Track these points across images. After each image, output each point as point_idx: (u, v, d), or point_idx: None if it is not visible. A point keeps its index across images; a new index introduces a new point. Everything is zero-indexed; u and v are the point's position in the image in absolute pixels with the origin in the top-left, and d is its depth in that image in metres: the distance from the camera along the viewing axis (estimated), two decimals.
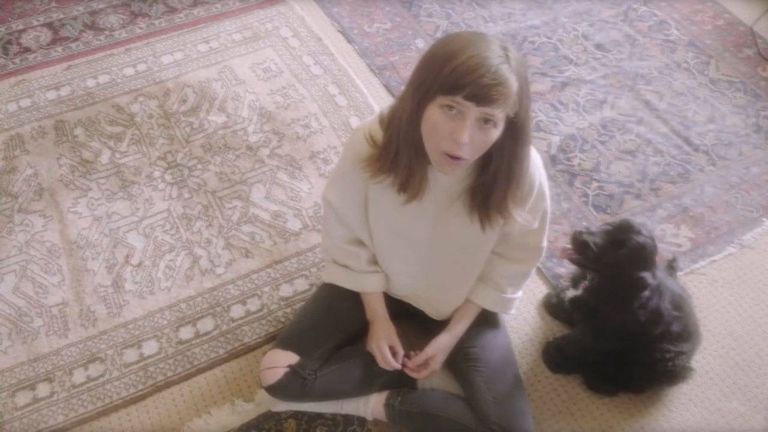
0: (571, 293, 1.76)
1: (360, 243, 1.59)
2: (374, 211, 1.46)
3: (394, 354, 1.61)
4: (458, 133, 1.13)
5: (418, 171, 1.28)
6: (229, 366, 1.82)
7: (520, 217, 1.33)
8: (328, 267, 1.67)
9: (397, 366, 1.60)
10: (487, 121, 1.14)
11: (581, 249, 1.54)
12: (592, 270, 1.59)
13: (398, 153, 1.27)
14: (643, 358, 1.64)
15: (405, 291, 1.67)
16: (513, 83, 1.11)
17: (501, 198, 1.29)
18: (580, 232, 1.55)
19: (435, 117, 1.16)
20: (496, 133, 1.16)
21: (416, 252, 1.51)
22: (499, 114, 1.13)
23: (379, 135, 1.32)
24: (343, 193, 1.47)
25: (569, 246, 1.58)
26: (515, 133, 1.19)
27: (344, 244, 1.59)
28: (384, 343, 1.60)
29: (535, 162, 1.36)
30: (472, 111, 1.12)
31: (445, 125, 1.15)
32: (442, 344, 1.61)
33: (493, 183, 1.28)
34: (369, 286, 1.63)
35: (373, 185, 1.38)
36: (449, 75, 1.10)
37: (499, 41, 1.13)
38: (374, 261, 1.63)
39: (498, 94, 1.10)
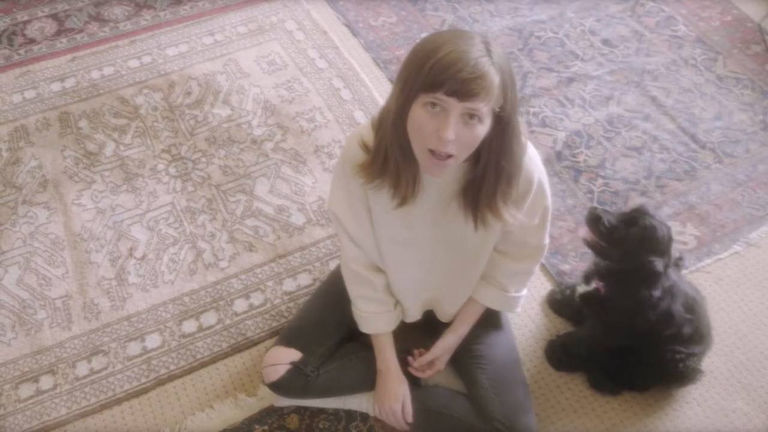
0: (582, 288, 1.76)
1: (375, 269, 1.54)
2: (376, 221, 1.44)
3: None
4: (442, 131, 1.12)
5: (405, 173, 1.26)
6: (232, 360, 1.82)
7: (512, 216, 1.30)
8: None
9: (406, 428, 1.60)
10: (471, 116, 1.12)
11: (593, 222, 1.55)
12: (603, 250, 1.58)
13: (387, 155, 1.25)
14: (651, 358, 1.64)
15: (415, 310, 1.65)
16: (493, 76, 1.09)
17: (490, 195, 1.27)
18: (595, 207, 1.57)
19: (419, 116, 1.14)
20: (482, 128, 1.15)
21: (419, 256, 1.49)
22: (483, 108, 1.11)
23: (371, 140, 1.30)
24: (345, 201, 1.43)
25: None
26: (502, 128, 1.18)
27: (360, 268, 1.53)
28: (399, 406, 1.57)
29: (533, 159, 1.35)
30: (455, 107, 1.10)
31: (429, 123, 1.13)
32: (447, 344, 1.61)
33: (482, 180, 1.26)
34: (383, 326, 1.59)
35: (371, 193, 1.37)
36: (429, 72, 1.09)
37: (481, 37, 1.12)
38: (389, 291, 1.58)
39: (478, 88, 1.08)
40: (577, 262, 2.00)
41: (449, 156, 1.16)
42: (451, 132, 1.12)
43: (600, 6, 2.84)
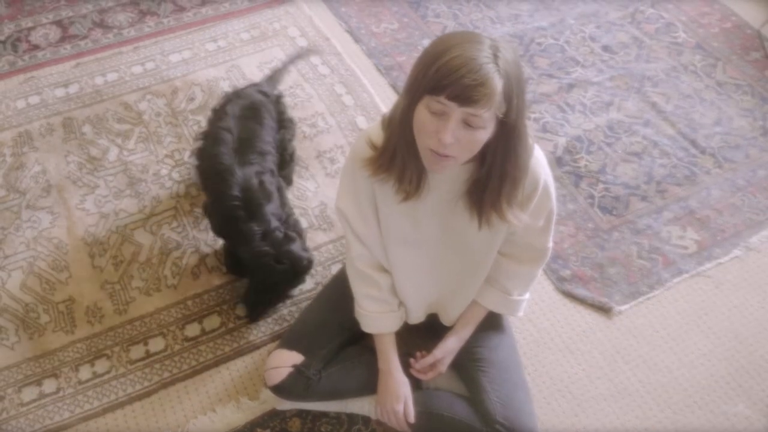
0: None
1: (381, 269, 1.55)
2: (383, 219, 1.45)
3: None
4: (441, 133, 1.14)
5: (410, 168, 1.28)
6: (234, 364, 1.83)
7: (516, 218, 1.31)
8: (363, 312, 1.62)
9: (408, 429, 1.60)
10: (472, 121, 1.14)
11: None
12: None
13: (395, 151, 1.28)
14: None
15: (419, 312, 1.65)
16: (496, 83, 1.10)
17: (495, 196, 1.28)
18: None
19: (422, 116, 1.16)
20: (484, 133, 1.16)
21: (426, 257, 1.49)
22: (485, 114, 1.12)
23: (380, 138, 1.32)
24: (352, 199, 1.45)
25: None
26: (506, 133, 1.19)
27: (365, 268, 1.54)
28: (400, 406, 1.58)
29: (540, 161, 1.36)
30: (456, 111, 1.12)
31: (431, 125, 1.15)
32: (449, 347, 1.62)
33: (486, 181, 1.27)
34: (387, 326, 1.60)
35: (377, 187, 1.38)
36: (434, 75, 1.11)
37: (491, 41, 1.13)
38: (394, 291, 1.59)
39: (479, 95, 1.09)
40: (578, 267, 2.01)
41: (448, 156, 1.18)
42: (449, 135, 1.13)
43: (600, 13, 2.85)
